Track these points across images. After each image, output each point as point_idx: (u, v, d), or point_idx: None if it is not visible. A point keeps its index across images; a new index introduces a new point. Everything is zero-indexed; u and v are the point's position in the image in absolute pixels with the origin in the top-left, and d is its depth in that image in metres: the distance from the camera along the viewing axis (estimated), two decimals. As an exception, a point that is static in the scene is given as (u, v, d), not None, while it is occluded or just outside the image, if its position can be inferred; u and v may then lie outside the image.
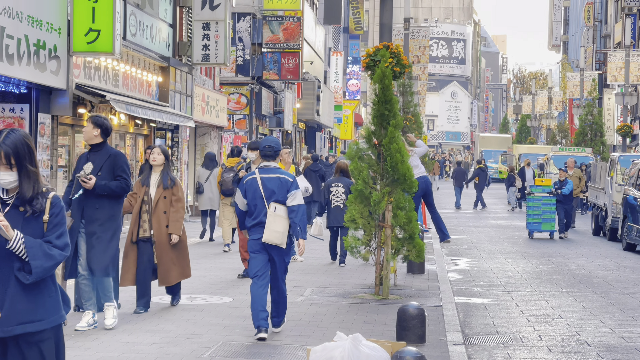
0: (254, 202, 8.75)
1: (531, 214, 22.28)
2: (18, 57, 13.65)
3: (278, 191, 8.71)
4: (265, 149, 8.93)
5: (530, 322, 10.64)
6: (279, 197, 8.70)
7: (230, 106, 30.75)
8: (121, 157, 8.91)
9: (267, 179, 8.75)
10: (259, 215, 8.68)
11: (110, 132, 8.95)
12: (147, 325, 9.17)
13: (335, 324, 9.60)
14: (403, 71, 12.39)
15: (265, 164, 8.90)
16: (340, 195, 14.83)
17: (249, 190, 8.78)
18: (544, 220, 22.11)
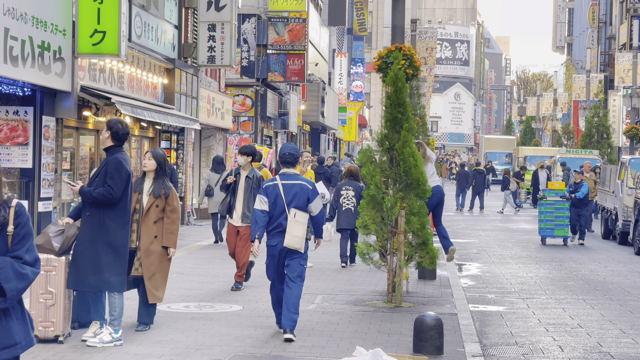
0: (274, 207, 8.95)
1: (543, 219, 21.28)
2: (22, 59, 13.39)
3: (299, 197, 8.94)
4: (285, 156, 9.12)
5: (549, 331, 10.36)
6: (299, 203, 8.93)
7: (235, 108, 30.49)
8: (113, 162, 8.28)
9: (288, 185, 8.97)
10: (277, 219, 8.91)
11: (120, 136, 8.44)
12: (156, 336, 8.90)
13: (349, 334, 9.33)
14: (416, 73, 12.12)
15: (286, 170, 9.10)
16: (351, 198, 15.01)
17: (270, 196, 8.95)
18: (557, 225, 21.14)
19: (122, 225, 8.35)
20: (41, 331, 8.24)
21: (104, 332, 8.27)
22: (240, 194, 12.10)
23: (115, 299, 8.32)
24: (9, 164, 14.63)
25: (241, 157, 12.17)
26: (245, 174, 12.17)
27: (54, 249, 8.25)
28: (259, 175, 12.19)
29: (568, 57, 77.81)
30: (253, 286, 12.50)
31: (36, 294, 8.28)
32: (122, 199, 8.33)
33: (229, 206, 12.20)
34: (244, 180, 12.11)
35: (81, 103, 16.14)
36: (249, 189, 12.04)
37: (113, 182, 8.24)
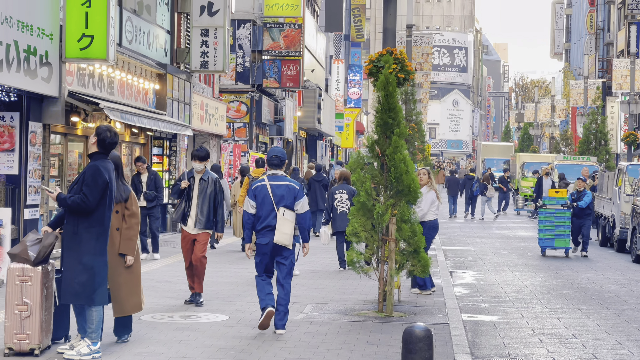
0: (262, 207, 9.53)
1: (543, 228, 20.00)
2: (7, 64, 13.13)
3: (286, 197, 9.53)
4: (272, 158, 9.71)
5: (543, 342, 10.09)
6: (286, 202, 9.52)
7: (230, 114, 30.25)
8: (91, 169, 7.99)
9: (276, 185, 9.57)
10: (267, 218, 9.48)
11: (106, 144, 8.11)
12: (137, 348, 8.63)
13: (337, 345, 9.07)
14: (407, 78, 11.87)
15: (273, 172, 9.69)
16: (345, 201, 15.48)
17: (258, 196, 9.54)
18: (557, 236, 19.89)
19: (96, 235, 8.00)
20: (16, 343, 7.94)
21: (81, 344, 8.00)
22: (195, 198, 11.30)
23: (92, 311, 8.02)
24: (-5, 170, 14.37)
25: (198, 164, 11.33)
26: (199, 176, 11.39)
27: (29, 259, 7.96)
28: (214, 176, 11.43)
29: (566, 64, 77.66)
30: (241, 295, 12.24)
31: (11, 305, 7.97)
32: (98, 209, 7.99)
33: (184, 213, 11.35)
34: (197, 183, 11.35)
35: (69, 109, 15.89)
36: (202, 192, 11.27)
37: (88, 189, 7.92)
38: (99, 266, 8.03)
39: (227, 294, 12.38)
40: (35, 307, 7.96)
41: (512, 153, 64.37)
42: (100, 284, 8.04)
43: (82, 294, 7.96)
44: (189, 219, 11.28)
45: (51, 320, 8.23)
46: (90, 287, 7.97)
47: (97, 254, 8.02)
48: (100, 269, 8.04)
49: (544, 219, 20.04)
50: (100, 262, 8.04)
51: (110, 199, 8.10)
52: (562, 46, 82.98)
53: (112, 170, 8.19)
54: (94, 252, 8.00)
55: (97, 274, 8.01)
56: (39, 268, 8.02)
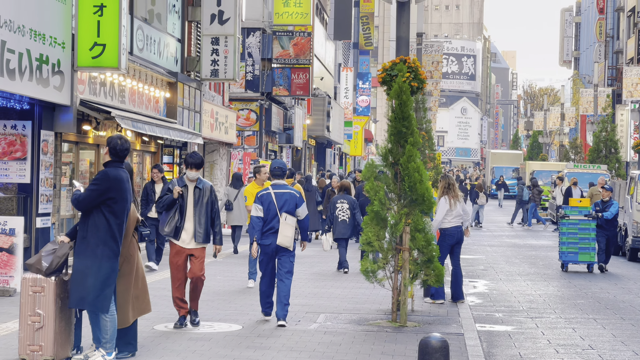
0: (267, 212, 10.63)
1: (566, 241, 18.31)
2: (20, 73, 13.13)
3: (288, 204, 10.65)
4: (275, 169, 10.94)
5: (559, 353, 10.01)
6: (288, 208, 10.64)
7: (240, 122, 30.23)
8: (98, 173, 8.10)
9: (279, 194, 10.72)
10: (271, 222, 10.60)
11: (117, 151, 8.14)
12: (150, 358, 8.57)
13: (352, 356, 9.01)
14: (421, 86, 11.81)
15: (276, 181, 10.87)
16: (346, 210, 16.49)
17: (264, 203, 10.66)
18: (581, 249, 18.27)
19: (103, 241, 7.96)
20: (29, 355, 7.90)
21: (96, 354, 7.96)
22: (190, 209, 10.18)
23: (106, 320, 7.98)
24: (7, 179, 14.37)
25: (193, 172, 10.25)
26: (193, 185, 10.26)
27: (42, 269, 7.92)
28: (209, 184, 10.34)
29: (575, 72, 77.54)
30: (254, 304, 12.17)
31: (25, 316, 7.93)
32: (104, 214, 7.97)
33: (176, 227, 10.14)
34: (192, 193, 10.21)
35: (81, 117, 15.89)
36: (199, 201, 10.19)
37: (87, 192, 8.02)
38: (104, 272, 7.97)
39: (240, 302, 12.33)
40: (49, 318, 7.90)
41: (521, 161, 64.24)
42: (103, 290, 7.96)
43: (85, 299, 7.91)
44: (183, 233, 10.17)
45: (70, 331, 8.17)
46: (93, 292, 7.90)
47: (104, 259, 7.97)
48: (105, 275, 7.97)
49: (566, 231, 18.41)
50: (105, 268, 7.98)
51: (118, 207, 8.04)
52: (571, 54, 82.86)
53: (126, 179, 8.17)
54: (100, 257, 7.95)
55: (102, 280, 7.94)
56: (52, 278, 7.98)
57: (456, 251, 13.28)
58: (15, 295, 12.17)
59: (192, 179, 10.24)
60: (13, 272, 12.32)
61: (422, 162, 11.58)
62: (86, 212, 8.03)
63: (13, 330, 9.69)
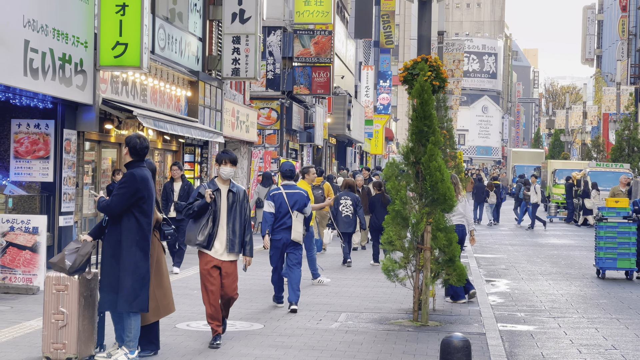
0: (279, 210, 11.60)
1: (603, 246, 16.91)
2: (43, 72, 13.21)
3: (298, 202, 11.69)
4: (286, 172, 11.95)
5: (582, 353, 9.96)
6: (299, 206, 11.69)
7: (261, 121, 30.27)
8: (124, 176, 8.12)
9: (290, 193, 11.75)
10: (282, 219, 11.60)
11: (138, 150, 8.18)
12: (173, 357, 8.61)
13: (373, 355, 9.00)
14: (442, 85, 11.79)
15: (287, 182, 11.88)
16: (349, 206, 17.55)
17: (276, 201, 11.64)
18: (620, 255, 16.79)
19: (135, 242, 8.01)
20: (53, 353, 7.95)
21: (119, 352, 7.99)
22: (223, 215, 9.26)
23: (131, 319, 8.02)
24: (30, 177, 14.46)
25: (229, 167, 9.34)
26: (226, 188, 9.36)
27: (65, 267, 7.97)
28: (242, 188, 9.49)
29: (597, 70, 77.08)
30: (276, 303, 12.19)
31: (48, 314, 7.98)
32: (134, 215, 8.00)
33: (210, 235, 9.24)
34: (225, 197, 9.31)
35: (103, 116, 15.96)
36: (232, 207, 9.29)
37: (116, 197, 8.02)
38: (140, 272, 8.01)
39: (261, 302, 12.35)
40: (72, 316, 7.95)
41: (542, 160, 63.94)
42: (141, 290, 8.00)
43: (126, 301, 7.94)
44: (216, 242, 9.23)
45: (93, 329, 8.22)
46: (133, 294, 7.95)
47: (138, 260, 8.01)
48: (141, 275, 8.01)
49: (604, 235, 16.97)
50: (141, 268, 8.02)
51: (147, 206, 8.09)
52: (593, 52, 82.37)
53: (149, 177, 8.20)
54: (134, 258, 7.99)
55: (139, 280, 7.99)
56: (75, 277, 8.02)
57: None
58: (38, 293, 12.25)
59: (226, 178, 9.32)
60: (36, 270, 12.41)
61: (444, 161, 11.56)
62: (117, 215, 8.05)
63: (36, 328, 9.76)
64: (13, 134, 14.47)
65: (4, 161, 14.50)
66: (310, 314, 11.32)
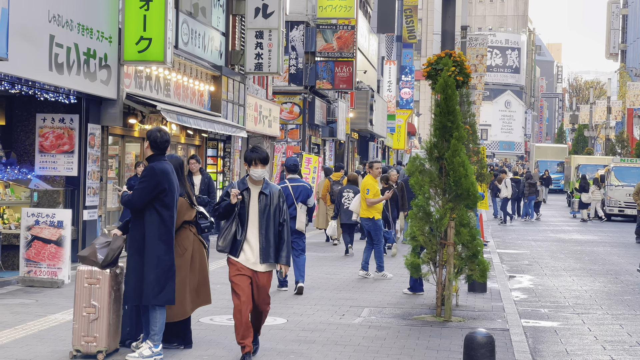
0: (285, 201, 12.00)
1: None
2: (67, 67, 13.29)
3: (303, 195, 12.59)
4: (291, 166, 12.82)
5: (607, 349, 9.91)
6: (303, 198, 12.59)
7: (283, 116, 30.30)
8: (144, 170, 8.20)
9: (295, 186, 12.65)
10: (288, 210, 11.30)
11: (159, 144, 8.21)
12: (197, 351, 8.65)
13: (397, 350, 9.00)
14: (466, 80, 11.76)
15: (291, 175, 12.77)
16: (351, 199, 17.57)
17: None
18: None
19: (158, 235, 8.04)
20: (83, 346, 8.00)
21: (143, 346, 8.04)
22: (254, 219, 8.23)
23: (156, 312, 8.06)
24: (55, 172, 14.56)
25: (259, 169, 8.26)
26: (257, 189, 8.30)
27: (97, 261, 8.04)
28: (277, 188, 8.41)
29: (622, 64, 76.49)
30: (298, 297, 12.23)
31: (79, 307, 8.03)
32: (156, 209, 8.03)
33: (234, 239, 8.22)
34: (256, 199, 8.27)
35: (127, 111, 16.04)
36: (265, 210, 8.25)
37: (137, 191, 8.07)
38: (164, 265, 8.04)
39: (284, 296, 12.37)
40: (103, 309, 8.01)
41: (566, 155, 63.58)
42: (166, 283, 8.03)
43: (150, 294, 7.96)
44: (246, 248, 8.24)
45: (119, 323, 8.28)
46: (157, 287, 7.98)
47: (161, 253, 8.04)
48: (165, 268, 8.04)
49: None
50: (164, 261, 8.05)
51: (169, 199, 8.10)
52: (617, 47, 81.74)
53: (171, 170, 8.21)
54: (157, 252, 8.02)
55: (163, 273, 8.02)
56: (107, 271, 8.07)
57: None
58: (63, 286, 12.34)
59: (257, 180, 8.22)
60: (61, 264, 12.49)
61: (467, 156, 11.52)
62: (140, 210, 8.08)
63: (62, 321, 9.83)
64: (38, 128, 14.57)
65: (29, 155, 14.61)
66: (333, 309, 11.34)
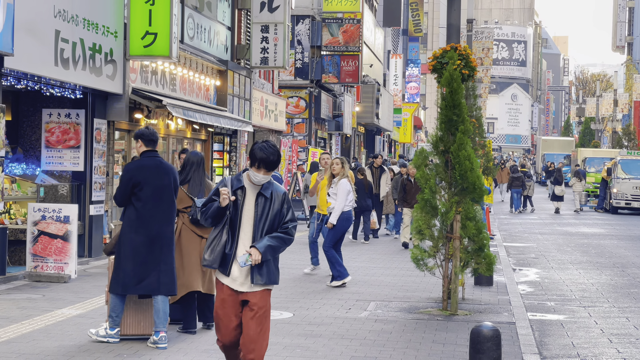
0: None
1: None
2: (73, 62, 13.31)
3: None
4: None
5: (613, 342, 9.90)
6: None
7: (289, 110, 30.30)
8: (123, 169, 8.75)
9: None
10: None
11: (146, 138, 8.52)
12: (204, 345, 8.66)
13: (403, 344, 9.00)
14: (472, 74, 11.75)
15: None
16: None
17: None
18: None
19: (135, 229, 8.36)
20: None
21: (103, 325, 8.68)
22: (247, 226, 6.36)
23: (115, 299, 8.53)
24: (61, 167, 14.59)
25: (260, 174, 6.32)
26: (256, 189, 6.41)
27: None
28: (282, 190, 6.45)
29: (628, 57, 76.28)
30: (305, 292, 12.24)
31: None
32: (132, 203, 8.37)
33: (224, 253, 6.32)
34: (252, 202, 6.39)
35: (132, 105, 16.05)
36: (262, 216, 6.36)
37: (117, 189, 8.54)
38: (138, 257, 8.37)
39: (290, 290, 12.38)
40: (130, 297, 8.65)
41: (572, 148, 63.52)
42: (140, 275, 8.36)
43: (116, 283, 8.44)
44: (234, 266, 6.35)
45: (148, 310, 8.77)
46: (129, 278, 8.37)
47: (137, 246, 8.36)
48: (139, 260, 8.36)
49: None
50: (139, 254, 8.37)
51: (143, 193, 8.36)
52: (624, 39, 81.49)
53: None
54: (132, 245, 8.38)
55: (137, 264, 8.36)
56: None
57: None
58: (70, 281, 12.38)
59: (258, 184, 6.41)
60: (68, 259, 12.52)
61: (473, 149, 11.52)
62: (122, 205, 8.55)
63: (69, 316, 9.86)
64: (44, 123, 14.60)
65: (36, 151, 14.64)
66: (339, 303, 11.35)
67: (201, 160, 9.14)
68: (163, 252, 8.39)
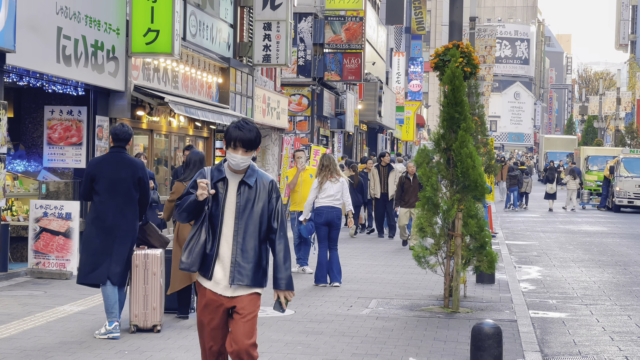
0: None
1: None
2: (75, 59, 13.31)
3: None
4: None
5: (615, 340, 9.90)
6: None
7: (291, 107, 30.28)
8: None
9: None
10: None
11: (115, 136, 8.87)
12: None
13: (404, 341, 9.00)
14: (474, 71, 11.74)
15: None
16: None
17: None
18: None
19: (91, 220, 8.74)
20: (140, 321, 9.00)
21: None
22: (230, 220, 5.61)
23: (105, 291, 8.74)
24: (63, 164, 14.59)
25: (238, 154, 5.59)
26: (238, 178, 5.67)
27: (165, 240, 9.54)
28: (268, 179, 5.68)
29: (631, 55, 76.18)
30: (306, 289, 12.24)
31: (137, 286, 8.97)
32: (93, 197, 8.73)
33: (204, 253, 5.60)
34: (234, 193, 5.64)
35: (135, 102, 16.05)
36: (246, 209, 5.62)
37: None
38: (91, 248, 8.67)
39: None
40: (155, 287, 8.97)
41: (575, 146, 63.51)
42: (92, 265, 8.66)
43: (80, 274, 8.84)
44: (217, 267, 5.63)
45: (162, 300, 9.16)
46: (82, 267, 8.72)
47: (92, 237, 8.70)
48: (91, 251, 8.68)
49: None
50: (93, 244, 8.66)
51: (99, 186, 8.70)
52: (627, 37, 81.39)
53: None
54: (87, 236, 8.72)
55: (88, 255, 8.69)
56: (158, 252, 8.97)
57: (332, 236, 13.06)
58: (72, 278, 12.38)
59: (237, 169, 5.61)
60: (69, 255, 12.53)
61: (475, 147, 11.51)
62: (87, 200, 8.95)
63: (70, 312, 9.87)
64: (46, 120, 14.60)
65: (38, 147, 14.64)
66: (341, 300, 11.35)
67: (202, 158, 9.49)
68: (116, 242, 8.67)
